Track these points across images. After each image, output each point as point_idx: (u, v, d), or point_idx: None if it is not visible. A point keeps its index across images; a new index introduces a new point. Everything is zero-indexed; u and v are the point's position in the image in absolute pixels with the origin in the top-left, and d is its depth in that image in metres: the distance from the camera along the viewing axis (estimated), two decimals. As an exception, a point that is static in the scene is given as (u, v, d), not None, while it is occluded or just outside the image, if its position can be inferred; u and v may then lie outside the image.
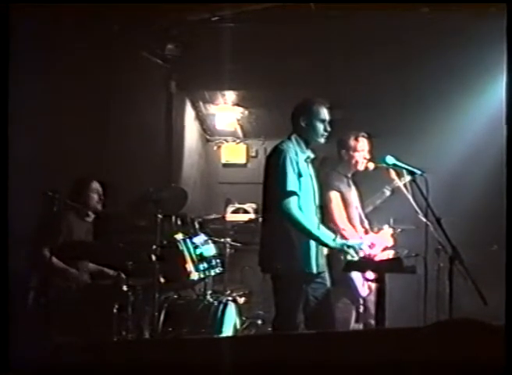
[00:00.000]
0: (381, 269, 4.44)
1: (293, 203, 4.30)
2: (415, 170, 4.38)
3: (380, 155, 4.76)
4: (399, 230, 5.49)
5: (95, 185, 5.41)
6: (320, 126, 4.49)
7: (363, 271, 4.86)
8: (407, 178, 4.72)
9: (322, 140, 4.53)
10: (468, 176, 6.87)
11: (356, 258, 4.58)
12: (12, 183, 3.50)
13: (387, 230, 5.31)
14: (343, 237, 4.77)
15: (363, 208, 5.35)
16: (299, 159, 4.41)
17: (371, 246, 5.03)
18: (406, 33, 6.36)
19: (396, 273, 4.39)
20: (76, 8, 5.24)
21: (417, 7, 5.97)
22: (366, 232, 5.22)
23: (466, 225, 6.17)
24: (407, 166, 4.47)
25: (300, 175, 4.37)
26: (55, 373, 2.65)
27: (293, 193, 4.31)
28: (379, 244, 5.14)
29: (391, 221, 5.42)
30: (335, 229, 4.85)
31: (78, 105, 5.98)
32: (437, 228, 4.20)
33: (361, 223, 5.25)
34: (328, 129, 4.52)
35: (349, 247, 4.41)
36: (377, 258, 4.88)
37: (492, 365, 2.28)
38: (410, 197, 4.72)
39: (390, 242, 5.25)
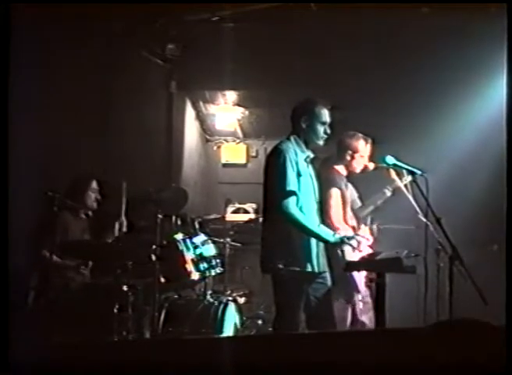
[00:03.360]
0: (381, 269, 4.44)
1: (292, 203, 4.30)
2: (415, 170, 4.38)
3: (380, 155, 4.76)
4: (374, 226, 5.47)
5: (94, 184, 5.43)
6: (320, 129, 4.48)
7: (363, 271, 4.87)
8: (408, 178, 4.72)
9: (321, 142, 4.52)
10: (468, 176, 6.86)
11: (356, 259, 4.59)
12: (12, 183, 3.50)
13: (364, 229, 5.28)
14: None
15: (353, 208, 5.33)
16: (298, 159, 4.40)
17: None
18: (406, 33, 6.35)
19: (396, 273, 4.39)
20: (76, 9, 5.24)
21: (417, 7, 5.97)
22: (354, 229, 5.21)
23: (466, 225, 6.16)
24: (407, 166, 4.47)
25: (299, 174, 4.37)
26: (55, 373, 2.65)
27: (293, 193, 4.31)
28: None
29: (368, 220, 5.41)
30: (330, 226, 4.84)
31: (78, 105, 5.98)
32: (437, 228, 4.20)
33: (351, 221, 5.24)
34: (328, 131, 4.51)
35: (349, 238, 4.43)
36: (376, 258, 4.87)
37: (492, 365, 2.28)
38: (410, 197, 4.71)
39: (370, 239, 5.22)
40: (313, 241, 4.39)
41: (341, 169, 5.26)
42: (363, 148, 5.24)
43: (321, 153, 4.76)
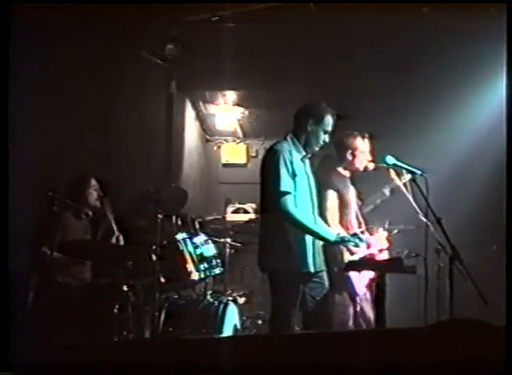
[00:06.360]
0: (381, 269, 4.44)
1: (289, 201, 4.30)
2: (415, 170, 4.38)
3: (380, 155, 4.76)
4: (395, 231, 5.47)
5: (93, 183, 5.43)
6: (322, 137, 4.50)
7: (363, 271, 4.86)
8: (407, 177, 4.72)
9: (317, 149, 4.56)
10: (468, 176, 6.86)
11: (356, 258, 4.59)
12: (13, 183, 3.50)
13: (382, 233, 5.28)
14: None
15: (361, 208, 5.32)
16: (293, 159, 4.40)
17: (368, 246, 5.01)
18: (406, 33, 6.35)
19: (396, 273, 4.39)
20: (76, 9, 5.24)
21: (417, 7, 5.97)
22: (362, 233, 5.20)
23: (466, 225, 6.16)
24: (407, 166, 4.47)
25: (294, 174, 4.37)
26: (55, 373, 2.65)
27: (288, 192, 4.32)
28: (375, 245, 5.12)
29: (386, 224, 5.40)
30: None
31: (78, 105, 5.98)
32: (437, 228, 4.20)
33: (359, 224, 5.22)
34: (327, 140, 4.54)
35: (348, 239, 4.44)
36: (377, 258, 4.86)
37: (492, 365, 2.28)
38: (410, 197, 4.71)
39: (386, 244, 5.22)
40: (309, 240, 4.39)
41: (343, 169, 5.24)
42: (362, 144, 5.22)
43: (322, 150, 4.76)
